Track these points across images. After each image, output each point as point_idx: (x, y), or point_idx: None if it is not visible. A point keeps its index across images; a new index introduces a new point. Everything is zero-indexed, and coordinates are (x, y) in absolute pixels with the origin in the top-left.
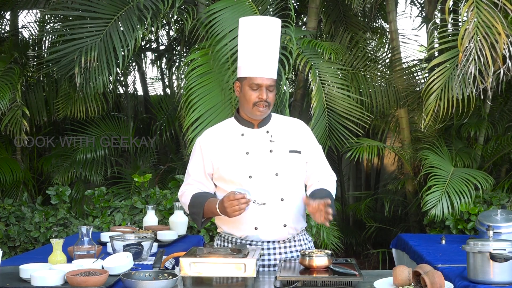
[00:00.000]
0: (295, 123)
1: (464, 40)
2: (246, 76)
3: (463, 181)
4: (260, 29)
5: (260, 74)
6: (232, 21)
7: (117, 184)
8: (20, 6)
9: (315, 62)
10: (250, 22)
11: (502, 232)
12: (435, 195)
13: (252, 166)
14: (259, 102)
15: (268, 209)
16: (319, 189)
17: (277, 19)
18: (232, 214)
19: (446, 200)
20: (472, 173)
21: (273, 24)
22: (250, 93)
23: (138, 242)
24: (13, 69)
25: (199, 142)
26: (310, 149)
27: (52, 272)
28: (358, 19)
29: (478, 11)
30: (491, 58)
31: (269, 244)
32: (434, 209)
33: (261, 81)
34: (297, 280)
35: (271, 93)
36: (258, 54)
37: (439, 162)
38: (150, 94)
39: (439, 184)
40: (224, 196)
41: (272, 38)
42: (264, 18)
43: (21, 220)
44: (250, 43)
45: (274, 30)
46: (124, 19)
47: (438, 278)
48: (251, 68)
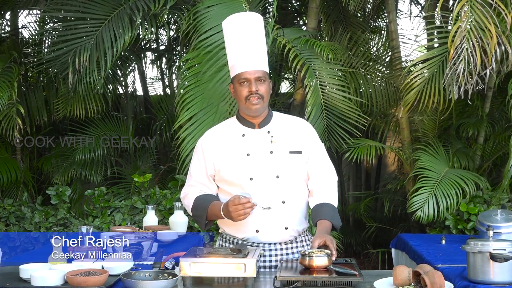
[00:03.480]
0: (297, 122)
1: (456, 39)
2: (235, 74)
3: (452, 184)
4: (240, 25)
5: (245, 68)
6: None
7: (117, 184)
8: (20, 6)
9: (313, 63)
10: (231, 21)
11: (502, 232)
12: (422, 197)
13: (252, 168)
14: (250, 95)
15: (269, 212)
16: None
17: (257, 14)
18: (237, 219)
19: (433, 202)
20: (464, 175)
21: (253, 18)
22: (240, 89)
23: (138, 242)
24: (11, 68)
25: (201, 143)
26: (311, 149)
27: (52, 272)
28: (358, 19)
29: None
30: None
31: (270, 245)
32: (420, 210)
33: (248, 75)
34: (297, 280)
35: (262, 85)
36: (241, 49)
37: (432, 163)
38: (150, 94)
39: (427, 186)
40: (229, 200)
41: (254, 31)
42: (243, 14)
43: (21, 220)
44: (233, 41)
45: (255, 23)
46: (116, 20)
47: (438, 278)
48: (237, 64)
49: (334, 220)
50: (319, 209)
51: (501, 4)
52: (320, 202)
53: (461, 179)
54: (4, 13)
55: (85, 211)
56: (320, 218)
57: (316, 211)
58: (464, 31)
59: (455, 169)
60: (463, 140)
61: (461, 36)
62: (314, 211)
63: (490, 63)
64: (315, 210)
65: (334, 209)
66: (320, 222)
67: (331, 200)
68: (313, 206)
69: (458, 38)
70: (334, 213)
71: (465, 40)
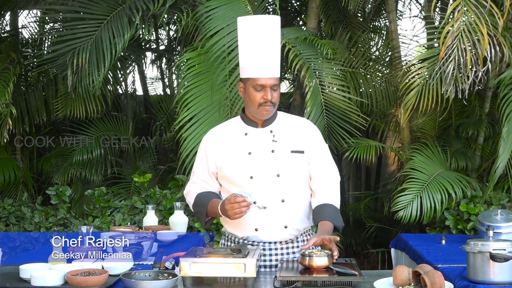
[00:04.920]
0: (300, 122)
1: (447, 39)
2: (250, 77)
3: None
4: (259, 28)
5: (263, 74)
6: (225, 19)
7: (117, 184)
8: (20, 6)
9: (313, 63)
10: (249, 22)
11: (502, 232)
12: (406, 198)
13: (253, 167)
14: (264, 102)
15: (268, 211)
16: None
17: (276, 16)
18: (233, 217)
19: (417, 204)
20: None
21: (272, 22)
22: (254, 94)
23: (138, 242)
24: (8, 69)
25: (204, 141)
26: (313, 149)
27: (52, 272)
28: (358, 19)
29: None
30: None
31: (270, 244)
32: (403, 211)
33: (265, 82)
34: (297, 280)
35: (276, 92)
36: (259, 54)
37: (424, 164)
38: (150, 94)
39: (414, 187)
40: (226, 198)
41: (272, 37)
42: (263, 17)
43: (21, 220)
44: (250, 43)
45: (274, 28)
46: (115, 20)
47: (438, 278)
48: (254, 68)
49: (335, 220)
50: (321, 209)
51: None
52: (321, 203)
53: (449, 183)
54: (4, 13)
55: (85, 211)
56: (321, 219)
57: (317, 212)
58: (457, 31)
59: (448, 171)
60: (463, 140)
61: (452, 37)
62: (316, 212)
63: (481, 63)
64: (317, 211)
65: (336, 210)
66: (321, 223)
67: (333, 201)
68: (315, 207)
69: (450, 38)
70: (336, 213)
71: (457, 40)
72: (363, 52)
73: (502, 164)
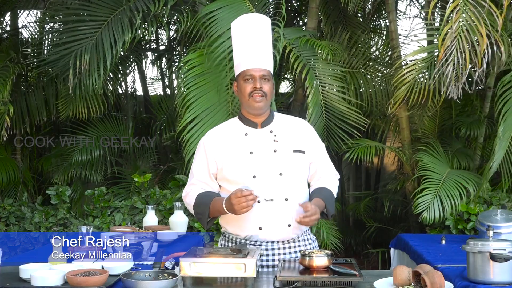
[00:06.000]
0: (298, 122)
1: (446, 40)
2: (240, 72)
3: (455, 185)
4: (248, 25)
5: (251, 65)
6: (228, 20)
7: (117, 184)
8: (20, 7)
9: (313, 64)
10: (239, 22)
11: (502, 232)
12: (426, 198)
13: (256, 166)
14: (254, 92)
15: (272, 209)
16: (319, 188)
17: (265, 16)
18: (240, 211)
19: (438, 203)
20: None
21: (261, 20)
22: (244, 85)
23: (138, 242)
24: (8, 67)
25: (203, 142)
26: (313, 149)
27: (52, 272)
28: (358, 19)
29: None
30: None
31: (273, 244)
32: (426, 212)
33: (253, 72)
34: (297, 280)
35: (266, 83)
36: (247, 47)
37: (434, 164)
38: (150, 94)
39: (431, 187)
40: (231, 193)
41: (261, 32)
42: (252, 15)
43: (21, 220)
44: (240, 40)
45: (263, 24)
46: (116, 21)
47: (438, 278)
48: (243, 61)
49: (328, 203)
50: (318, 191)
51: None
52: (321, 186)
53: (463, 179)
54: (4, 13)
55: (85, 211)
56: (316, 196)
57: (315, 191)
58: (455, 32)
59: (456, 169)
60: (463, 140)
61: (451, 38)
62: (313, 193)
63: (480, 63)
64: (314, 191)
65: (332, 196)
66: (315, 199)
67: (332, 189)
68: (314, 188)
69: (449, 40)
70: (331, 199)
71: (456, 41)
72: (363, 52)
73: (496, 162)
